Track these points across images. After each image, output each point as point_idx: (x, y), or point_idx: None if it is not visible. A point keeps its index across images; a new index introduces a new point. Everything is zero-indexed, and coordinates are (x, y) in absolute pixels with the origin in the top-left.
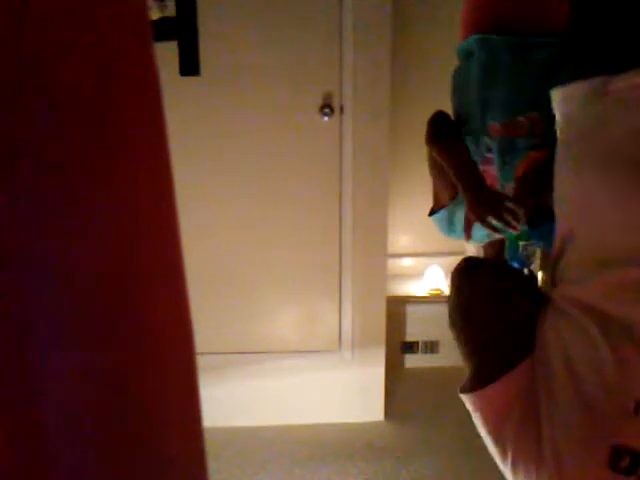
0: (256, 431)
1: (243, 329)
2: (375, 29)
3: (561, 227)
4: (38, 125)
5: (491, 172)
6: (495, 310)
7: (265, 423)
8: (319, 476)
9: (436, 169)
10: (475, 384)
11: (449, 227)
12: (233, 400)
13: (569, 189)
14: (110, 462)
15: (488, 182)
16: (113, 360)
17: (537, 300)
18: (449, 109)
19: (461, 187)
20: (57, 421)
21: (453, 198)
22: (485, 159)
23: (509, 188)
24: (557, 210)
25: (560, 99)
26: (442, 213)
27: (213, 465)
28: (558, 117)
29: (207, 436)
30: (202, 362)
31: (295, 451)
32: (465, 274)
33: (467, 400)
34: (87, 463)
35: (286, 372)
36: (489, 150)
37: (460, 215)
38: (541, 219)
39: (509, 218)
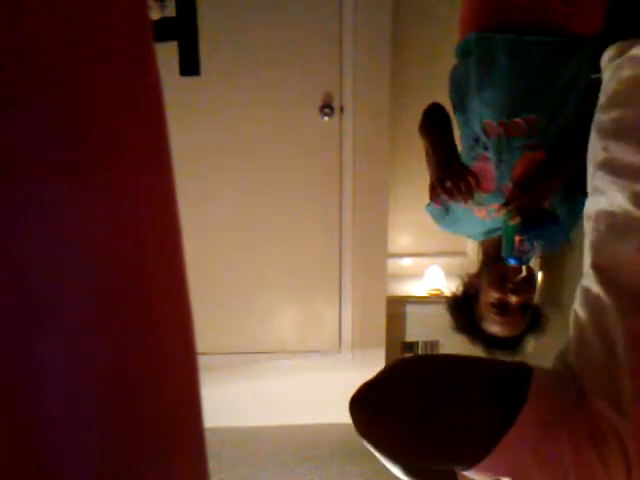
0: (256, 431)
1: (243, 329)
2: (375, 29)
3: None
4: (37, 126)
5: (488, 169)
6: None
7: (265, 423)
8: (319, 476)
9: (429, 159)
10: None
11: (441, 218)
12: (233, 400)
13: None
14: (110, 464)
15: (484, 183)
16: (114, 358)
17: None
18: (449, 108)
19: (435, 163)
20: (58, 416)
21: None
22: (482, 157)
23: (506, 187)
24: None
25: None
26: (435, 205)
27: (213, 465)
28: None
29: (207, 436)
30: (202, 362)
31: (295, 451)
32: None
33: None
34: (87, 460)
35: (286, 372)
36: (486, 148)
37: (455, 207)
38: (540, 221)
39: (462, 185)
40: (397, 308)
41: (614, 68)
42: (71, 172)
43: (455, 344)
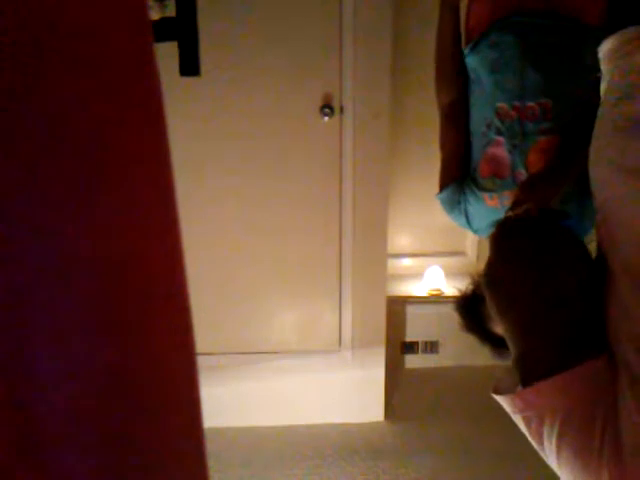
0: (256, 431)
1: (243, 329)
2: (375, 29)
3: None
4: (36, 128)
5: (502, 155)
6: (539, 284)
7: (265, 423)
8: (319, 476)
9: (446, 141)
10: (526, 378)
11: (452, 208)
12: (233, 400)
13: None
14: (108, 463)
15: (498, 169)
16: (112, 360)
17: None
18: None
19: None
20: (55, 421)
21: (457, 177)
22: (495, 142)
23: (520, 174)
24: None
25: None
26: (447, 193)
27: (213, 465)
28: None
29: (207, 436)
30: (202, 362)
31: (295, 451)
32: (506, 235)
33: (511, 400)
34: (84, 463)
35: (286, 372)
36: (499, 133)
37: (467, 198)
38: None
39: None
40: (397, 308)
41: (622, 58)
42: (69, 174)
43: (455, 344)
